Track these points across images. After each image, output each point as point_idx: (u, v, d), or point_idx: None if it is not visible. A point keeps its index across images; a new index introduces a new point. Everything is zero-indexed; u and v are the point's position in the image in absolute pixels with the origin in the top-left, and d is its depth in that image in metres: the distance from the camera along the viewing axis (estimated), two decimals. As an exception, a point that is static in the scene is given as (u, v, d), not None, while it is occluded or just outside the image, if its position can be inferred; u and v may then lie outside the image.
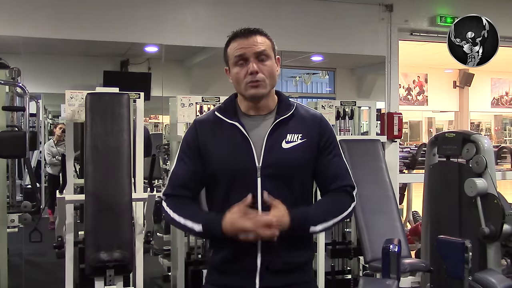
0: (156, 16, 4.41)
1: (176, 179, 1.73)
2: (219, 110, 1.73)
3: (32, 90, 4.47)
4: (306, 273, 1.74)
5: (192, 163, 1.70)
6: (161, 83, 4.98)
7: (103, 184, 3.01)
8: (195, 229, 1.63)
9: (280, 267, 1.66)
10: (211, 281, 1.76)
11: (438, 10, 5.12)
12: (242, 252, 1.64)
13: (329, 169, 1.72)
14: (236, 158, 1.65)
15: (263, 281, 1.65)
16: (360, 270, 4.20)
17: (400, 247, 2.52)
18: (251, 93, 1.65)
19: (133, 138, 3.29)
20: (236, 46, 1.66)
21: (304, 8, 4.78)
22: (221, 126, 1.69)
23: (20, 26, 4.08)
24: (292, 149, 1.66)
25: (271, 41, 1.70)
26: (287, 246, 1.65)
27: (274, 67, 1.70)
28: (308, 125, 1.71)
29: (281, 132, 1.67)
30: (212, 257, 1.74)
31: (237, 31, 1.68)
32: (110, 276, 2.83)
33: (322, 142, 1.71)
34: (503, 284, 2.81)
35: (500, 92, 12.07)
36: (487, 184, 3.36)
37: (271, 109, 1.71)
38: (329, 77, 6.80)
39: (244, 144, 1.65)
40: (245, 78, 1.64)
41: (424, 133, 13.56)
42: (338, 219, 1.70)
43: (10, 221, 4.04)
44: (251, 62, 1.63)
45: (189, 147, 1.72)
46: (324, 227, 1.66)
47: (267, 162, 1.64)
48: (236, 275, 1.67)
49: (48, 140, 6.78)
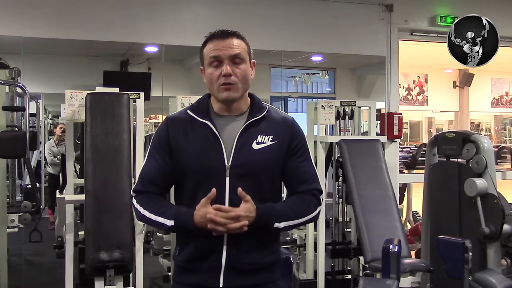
0: (156, 16, 4.41)
1: (146, 176, 1.73)
2: (192, 109, 1.74)
3: (32, 90, 4.47)
4: (271, 275, 1.75)
5: (162, 160, 1.71)
6: (161, 83, 4.97)
7: (103, 184, 3.01)
8: (167, 224, 1.63)
9: (244, 267, 1.67)
10: (177, 280, 1.76)
11: (438, 10, 5.12)
12: (207, 251, 1.66)
13: (297, 172, 1.74)
14: (206, 157, 1.66)
15: (227, 281, 1.66)
16: (360, 270, 4.20)
17: (400, 247, 2.52)
18: (223, 96, 1.67)
19: (133, 138, 3.29)
20: (212, 47, 1.68)
21: (304, 8, 4.78)
22: (192, 124, 1.70)
23: (21, 26, 4.08)
24: (262, 150, 1.68)
25: (247, 45, 1.72)
26: (252, 246, 1.67)
27: (248, 71, 1.70)
28: (279, 128, 1.72)
29: (252, 133, 1.69)
30: (177, 256, 1.75)
31: (214, 32, 1.71)
32: (110, 276, 2.83)
33: (293, 145, 1.73)
34: (503, 284, 2.82)
35: (500, 92, 12.06)
36: (487, 184, 3.36)
37: (243, 111, 1.73)
38: (329, 77, 6.80)
39: (215, 143, 1.66)
40: (218, 79, 1.66)
41: (424, 133, 13.54)
42: (303, 221, 1.72)
43: (10, 221, 4.03)
44: (225, 65, 1.65)
45: (160, 144, 1.73)
46: (288, 225, 1.68)
47: (237, 162, 1.65)
48: (201, 274, 1.68)
49: (48, 140, 6.78)
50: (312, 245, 4.19)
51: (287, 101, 6.33)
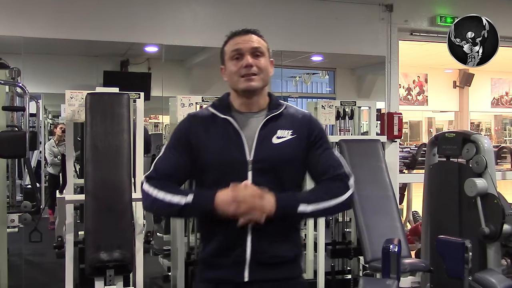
0: (156, 16, 4.41)
1: (161, 166, 1.73)
2: (213, 106, 1.78)
3: (32, 90, 4.46)
4: (294, 269, 1.76)
5: (179, 155, 1.72)
6: (161, 83, 4.97)
7: (103, 184, 3.01)
8: (181, 202, 1.61)
9: (268, 260, 1.67)
10: (201, 276, 1.77)
11: (438, 10, 5.12)
12: (231, 245, 1.66)
13: (320, 162, 1.74)
14: (228, 152, 1.68)
15: (251, 275, 1.66)
16: (360, 270, 4.20)
17: (400, 247, 2.52)
18: (244, 85, 1.69)
19: (133, 138, 3.29)
20: (233, 43, 1.73)
21: (304, 8, 4.78)
22: (214, 120, 1.73)
23: (21, 26, 4.08)
24: (282, 144, 1.70)
25: (266, 43, 1.77)
26: (276, 239, 1.67)
27: (268, 65, 1.75)
28: (298, 122, 1.75)
29: (272, 128, 1.71)
30: (201, 252, 1.76)
31: (235, 31, 1.75)
32: (110, 276, 2.83)
33: (312, 137, 1.74)
34: (503, 284, 2.82)
35: (500, 92, 12.07)
36: (487, 184, 3.36)
37: (263, 107, 1.76)
38: (329, 77, 6.80)
39: (236, 138, 1.69)
40: (239, 70, 1.69)
41: (424, 133, 13.55)
42: (331, 204, 1.67)
43: (10, 221, 4.03)
44: (247, 56, 1.69)
45: (179, 138, 1.75)
46: (315, 208, 1.65)
47: (258, 156, 1.67)
48: (225, 268, 1.68)
49: (48, 140, 6.78)
50: (312, 245, 4.19)
51: (287, 101, 6.33)
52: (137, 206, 3.29)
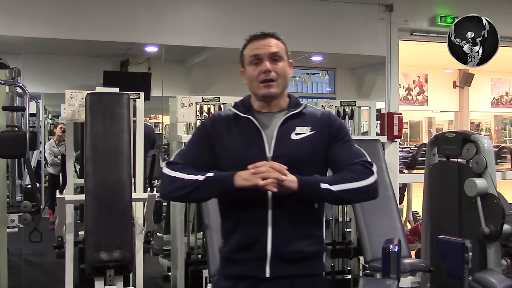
0: (156, 16, 4.41)
1: (185, 155, 1.78)
2: (235, 106, 1.83)
3: (32, 90, 4.47)
4: (316, 266, 1.76)
5: (201, 149, 1.77)
6: (161, 83, 4.97)
7: (103, 184, 3.01)
8: (200, 179, 1.64)
9: (290, 255, 1.68)
10: (222, 272, 1.79)
11: (438, 10, 5.12)
12: (252, 240, 1.68)
13: (342, 153, 1.75)
14: (249, 149, 1.72)
15: (273, 270, 1.67)
16: (360, 270, 4.20)
17: (400, 247, 2.52)
18: (263, 92, 1.73)
19: (133, 138, 3.29)
20: (252, 47, 1.76)
21: (304, 8, 4.78)
22: (236, 119, 1.78)
23: (21, 26, 4.08)
24: (301, 140, 1.72)
25: (285, 45, 1.80)
26: (297, 235, 1.68)
27: (287, 69, 1.78)
28: (317, 120, 1.78)
29: (290, 125, 1.75)
30: (222, 248, 1.78)
31: (254, 34, 1.78)
32: (110, 276, 2.84)
33: (332, 132, 1.76)
34: (503, 284, 2.82)
35: (500, 92, 12.07)
36: (487, 184, 3.36)
37: (283, 108, 1.79)
38: (329, 77, 6.80)
39: (257, 136, 1.73)
40: (258, 76, 1.72)
41: (424, 133, 13.55)
42: (356, 186, 1.67)
43: (10, 221, 4.03)
44: (265, 62, 1.72)
45: (202, 134, 1.80)
46: (340, 188, 1.64)
47: (277, 152, 1.70)
48: (246, 264, 1.70)
49: (48, 140, 6.77)
50: (312, 245, 4.18)
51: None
52: (137, 206, 3.30)
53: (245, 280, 1.70)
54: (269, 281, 1.67)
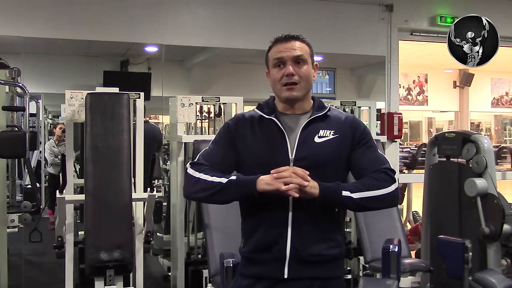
0: (156, 16, 4.41)
1: (209, 156, 1.78)
2: (259, 108, 1.83)
3: (32, 90, 4.47)
4: (336, 269, 1.76)
5: (224, 150, 1.78)
6: (161, 83, 4.98)
7: (103, 184, 3.01)
8: (223, 182, 1.66)
9: (309, 257, 1.68)
10: (241, 271, 1.80)
11: (438, 10, 5.12)
12: (271, 241, 1.69)
13: (365, 159, 1.75)
14: (272, 151, 1.72)
15: (291, 271, 1.68)
16: (360, 270, 4.20)
17: (400, 247, 2.52)
18: (286, 95, 1.74)
19: (133, 138, 3.29)
20: (276, 50, 1.77)
21: (304, 8, 4.78)
22: (260, 121, 1.78)
23: (21, 26, 4.08)
24: (324, 144, 1.73)
25: (309, 48, 1.82)
26: (317, 237, 1.69)
27: (311, 72, 1.79)
28: (341, 124, 1.78)
29: (314, 128, 1.75)
30: (242, 248, 1.79)
31: (278, 37, 1.80)
32: (110, 276, 2.83)
33: (356, 137, 1.76)
34: (503, 284, 2.82)
35: (500, 92, 12.08)
36: (487, 184, 3.36)
37: (307, 110, 1.79)
38: (329, 77, 6.79)
39: (280, 137, 1.73)
40: (281, 79, 1.73)
41: (424, 133, 13.56)
42: (377, 194, 1.67)
43: (10, 221, 4.03)
44: (288, 65, 1.73)
45: (225, 134, 1.81)
46: (360, 196, 1.65)
47: (300, 154, 1.71)
48: (265, 265, 1.70)
49: (48, 140, 6.78)
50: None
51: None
52: (137, 206, 3.30)
53: (264, 280, 1.71)
54: (287, 282, 1.68)
